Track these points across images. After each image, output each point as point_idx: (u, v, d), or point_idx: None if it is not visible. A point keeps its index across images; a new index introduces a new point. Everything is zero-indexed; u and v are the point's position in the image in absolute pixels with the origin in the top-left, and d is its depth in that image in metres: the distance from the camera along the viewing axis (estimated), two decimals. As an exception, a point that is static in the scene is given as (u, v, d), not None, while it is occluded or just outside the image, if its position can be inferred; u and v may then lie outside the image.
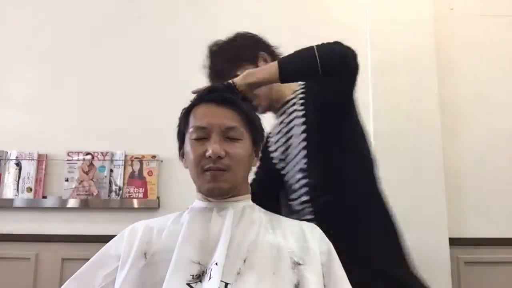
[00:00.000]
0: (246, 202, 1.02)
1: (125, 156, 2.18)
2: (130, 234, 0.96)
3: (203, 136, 0.98)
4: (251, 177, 1.17)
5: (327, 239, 1.00)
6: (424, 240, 2.01)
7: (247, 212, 0.99)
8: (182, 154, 1.05)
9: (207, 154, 0.94)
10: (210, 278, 0.82)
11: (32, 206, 2.15)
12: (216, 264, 0.84)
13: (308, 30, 2.31)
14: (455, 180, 2.15)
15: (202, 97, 1.04)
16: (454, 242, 2.03)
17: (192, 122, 1.01)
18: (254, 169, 1.16)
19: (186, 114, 1.05)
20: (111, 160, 2.18)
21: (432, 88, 2.15)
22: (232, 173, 0.96)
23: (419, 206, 2.04)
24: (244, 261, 0.88)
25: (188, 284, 0.83)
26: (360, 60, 2.22)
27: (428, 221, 2.03)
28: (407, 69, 2.16)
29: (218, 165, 0.94)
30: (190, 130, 1.00)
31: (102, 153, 2.18)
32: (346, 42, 2.35)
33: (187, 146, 1.01)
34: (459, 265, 2.06)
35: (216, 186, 0.96)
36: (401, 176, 2.07)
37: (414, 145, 2.10)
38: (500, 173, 2.17)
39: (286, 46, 2.30)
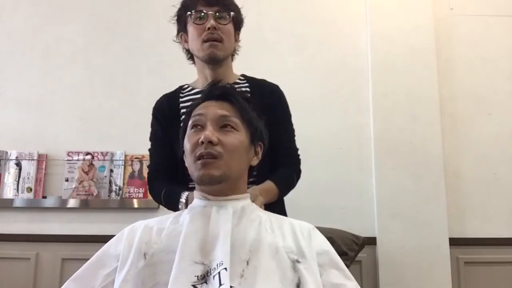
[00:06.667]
0: (245, 202, 1.02)
1: (125, 156, 2.18)
2: (129, 234, 0.96)
3: (200, 124, 1.00)
4: None
5: (325, 239, 1.00)
6: (424, 240, 2.01)
7: (246, 212, 0.99)
8: (185, 155, 1.06)
9: (200, 140, 0.95)
10: (220, 284, 0.81)
11: (32, 206, 2.15)
12: (226, 269, 0.83)
13: (308, 30, 2.32)
14: (455, 180, 2.15)
15: (203, 95, 1.06)
16: (454, 242, 2.04)
17: (192, 115, 1.03)
18: None
19: (188, 114, 1.06)
20: (111, 160, 2.18)
21: (432, 88, 2.15)
22: (224, 161, 0.96)
23: (419, 206, 2.04)
24: (247, 262, 0.88)
25: (194, 286, 0.83)
26: (360, 60, 2.25)
27: (428, 221, 2.03)
28: (407, 69, 2.16)
29: (209, 150, 0.94)
30: (190, 122, 1.03)
31: (102, 153, 2.18)
32: (346, 42, 2.37)
33: (186, 139, 1.02)
34: (459, 265, 2.06)
35: (206, 173, 0.95)
36: (401, 176, 2.08)
37: (414, 145, 2.10)
38: (500, 173, 2.17)
39: (286, 46, 2.32)
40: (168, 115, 1.42)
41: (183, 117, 1.37)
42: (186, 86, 1.49)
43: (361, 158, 2.18)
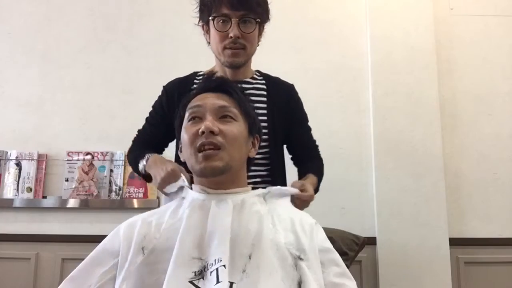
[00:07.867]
0: (245, 194, 0.99)
1: (125, 156, 2.18)
2: (127, 229, 0.95)
3: (198, 116, 0.97)
4: None
5: (325, 235, 0.98)
6: (424, 240, 2.01)
7: (247, 205, 0.96)
8: (181, 149, 1.04)
9: (200, 130, 0.93)
10: (218, 281, 0.80)
11: (32, 206, 2.15)
12: (225, 266, 0.81)
13: (308, 30, 2.31)
14: (455, 180, 2.15)
15: (199, 88, 1.05)
16: (454, 242, 2.04)
17: (188, 108, 1.01)
18: None
19: (183, 107, 1.04)
20: (111, 160, 2.18)
21: (432, 88, 2.15)
22: (226, 152, 0.94)
23: (419, 206, 2.04)
24: (249, 257, 0.86)
25: (191, 282, 0.82)
26: (360, 60, 2.25)
27: (428, 221, 2.03)
28: (407, 69, 2.16)
29: (211, 140, 0.92)
30: (186, 114, 1.00)
31: (102, 153, 2.18)
32: (346, 42, 2.37)
33: (183, 131, 1.00)
34: (459, 265, 2.06)
35: (209, 165, 0.93)
36: (401, 176, 2.08)
37: (414, 145, 2.10)
38: (500, 173, 2.17)
39: (286, 46, 2.31)
40: (177, 101, 1.38)
41: None
42: (202, 73, 1.45)
43: (361, 158, 2.18)
